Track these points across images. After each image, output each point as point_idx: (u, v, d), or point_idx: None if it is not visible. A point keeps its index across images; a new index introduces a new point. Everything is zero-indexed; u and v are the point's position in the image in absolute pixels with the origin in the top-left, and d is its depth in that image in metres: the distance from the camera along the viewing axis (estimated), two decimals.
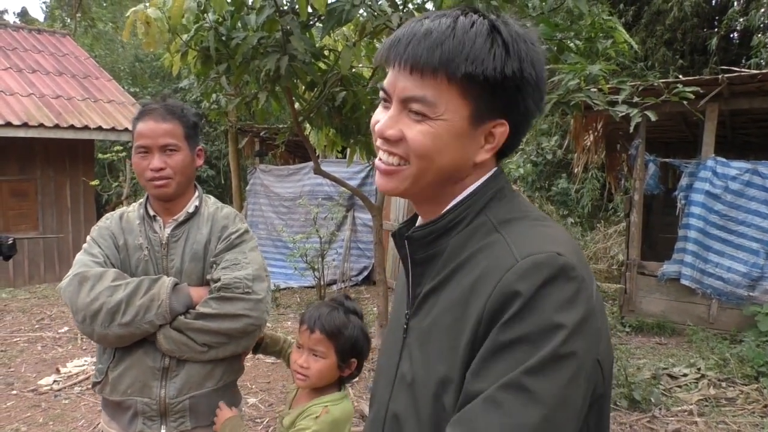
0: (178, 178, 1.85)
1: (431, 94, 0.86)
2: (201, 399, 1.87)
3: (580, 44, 3.81)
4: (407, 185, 0.93)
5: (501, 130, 0.91)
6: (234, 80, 3.63)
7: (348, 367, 1.80)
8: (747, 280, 6.19)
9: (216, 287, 1.82)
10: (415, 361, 0.94)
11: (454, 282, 0.91)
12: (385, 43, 0.92)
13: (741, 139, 8.90)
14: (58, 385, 4.99)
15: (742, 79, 5.89)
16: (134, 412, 1.84)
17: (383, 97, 0.94)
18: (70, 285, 1.78)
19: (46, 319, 7.21)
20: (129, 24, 3.11)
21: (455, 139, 0.89)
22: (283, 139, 4.93)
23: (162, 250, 1.89)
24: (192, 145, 1.91)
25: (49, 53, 10.82)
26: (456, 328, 0.87)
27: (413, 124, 0.89)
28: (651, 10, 10.85)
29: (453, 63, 0.84)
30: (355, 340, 1.77)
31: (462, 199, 0.95)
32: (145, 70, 17.77)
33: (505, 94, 0.88)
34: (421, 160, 0.90)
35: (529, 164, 12.99)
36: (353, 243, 9.42)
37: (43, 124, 8.75)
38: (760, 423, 4.20)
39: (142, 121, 1.84)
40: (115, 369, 1.85)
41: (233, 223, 1.98)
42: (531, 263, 0.81)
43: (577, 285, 0.81)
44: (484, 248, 0.89)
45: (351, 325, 1.77)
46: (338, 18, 3.03)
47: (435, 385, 0.88)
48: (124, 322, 1.73)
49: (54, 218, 9.87)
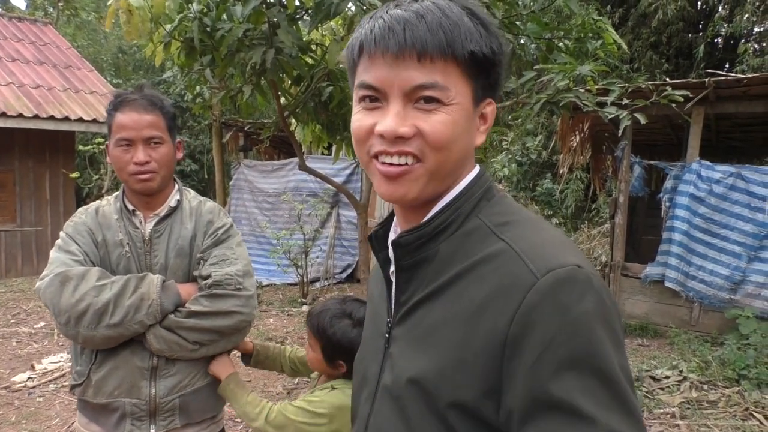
0: (163, 171, 1.79)
1: (442, 79, 0.81)
2: (190, 397, 1.83)
3: (569, 44, 3.79)
4: (421, 186, 0.85)
5: (491, 109, 0.91)
6: (218, 73, 3.55)
7: (336, 368, 1.79)
8: (729, 284, 6.23)
9: (207, 284, 1.77)
10: (402, 373, 0.88)
11: (455, 292, 0.84)
12: (364, 34, 0.84)
13: (725, 143, 8.98)
14: (33, 382, 4.88)
15: (728, 83, 5.93)
16: (122, 414, 1.77)
17: (368, 95, 0.85)
18: (51, 285, 1.68)
19: (22, 314, 7.07)
20: (111, 13, 3.03)
21: (467, 122, 0.86)
22: (268, 134, 4.86)
23: (144, 246, 1.82)
24: (173, 137, 1.85)
25: (30, 42, 10.61)
26: (465, 343, 0.80)
27: (427, 116, 0.82)
28: (637, 13, 10.90)
29: (457, 43, 0.81)
30: (337, 344, 1.75)
31: (450, 201, 0.89)
32: (128, 62, 17.56)
33: (494, 72, 0.88)
34: (440, 153, 0.83)
35: (514, 164, 13.02)
36: (337, 240, 9.36)
37: (22, 114, 8.58)
38: (742, 426, 4.21)
39: (122, 112, 1.75)
40: (99, 370, 1.77)
41: (218, 218, 1.93)
42: (554, 281, 0.76)
43: (600, 293, 0.77)
44: (490, 259, 0.83)
45: (332, 331, 1.75)
46: (326, 11, 2.97)
47: (433, 400, 0.82)
48: (112, 323, 1.66)
49: (32, 210, 9.69)
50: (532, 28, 3.52)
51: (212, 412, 1.93)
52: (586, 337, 0.73)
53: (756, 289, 6.13)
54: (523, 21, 3.51)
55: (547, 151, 11.81)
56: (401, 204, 0.90)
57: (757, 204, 6.11)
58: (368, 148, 0.86)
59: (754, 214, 6.14)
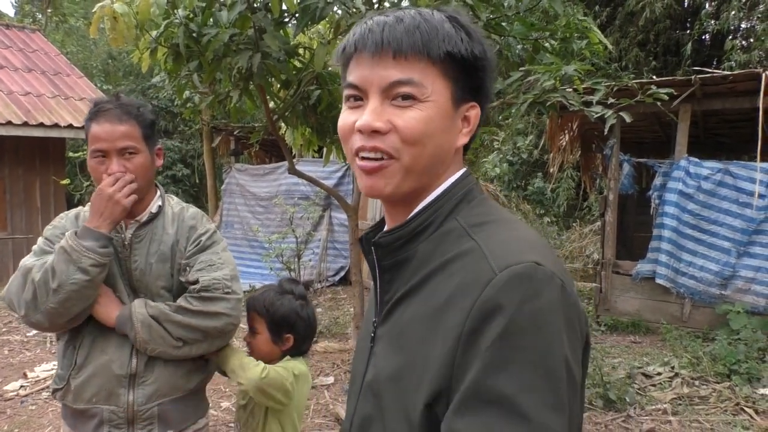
0: (140, 182, 1.77)
1: (418, 76, 0.86)
2: (169, 405, 1.83)
3: (555, 44, 3.81)
4: (397, 181, 0.89)
5: (474, 113, 0.93)
6: (206, 78, 3.55)
7: (283, 342, 1.99)
8: (719, 279, 6.27)
9: (195, 289, 1.78)
10: (381, 371, 0.91)
11: (427, 291, 0.87)
12: (349, 38, 0.89)
13: (713, 139, 9.03)
14: (25, 390, 4.85)
15: (714, 80, 5.97)
16: (99, 421, 1.78)
17: (352, 94, 0.90)
18: (14, 280, 1.76)
19: (13, 322, 7.03)
20: (96, 19, 3.02)
21: (443, 120, 0.89)
22: (258, 138, 4.85)
23: (125, 251, 1.82)
24: (151, 145, 1.82)
25: (18, 49, 10.56)
26: (429, 339, 0.83)
27: (402, 111, 0.86)
28: (624, 11, 10.96)
29: (433, 43, 0.85)
30: (284, 316, 1.96)
31: (429, 202, 0.92)
32: (118, 68, 17.50)
33: (477, 75, 0.91)
34: (414, 147, 0.87)
35: (505, 164, 13.08)
36: (330, 243, 9.36)
37: (11, 121, 8.54)
38: (733, 421, 4.24)
39: (96, 123, 1.74)
40: (78, 376, 1.78)
41: (201, 224, 1.94)
42: (509, 277, 0.77)
43: (557, 291, 0.78)
44: (459, 257, 0.85)
45: (279, 303, 1.97)
46: (312, 15, 2.98)
47: (403, 397, 0.84)
48: (54, 287, 1.65)
49: (23, 218, 9.64)
50: (518, 29, 3.54)
51: (192, 420, 1.94)
52: (536, 333, 0.75)
53: (746, 284, 6.18)
54: (509, 22, 3.53)
55: (538, 150, 11.87)
56: (381, 198, 0.93)
57: (745, 199, 6.16)
58: (351, 145, 0.91)
59: (743, 209, 6.19)
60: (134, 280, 1.83)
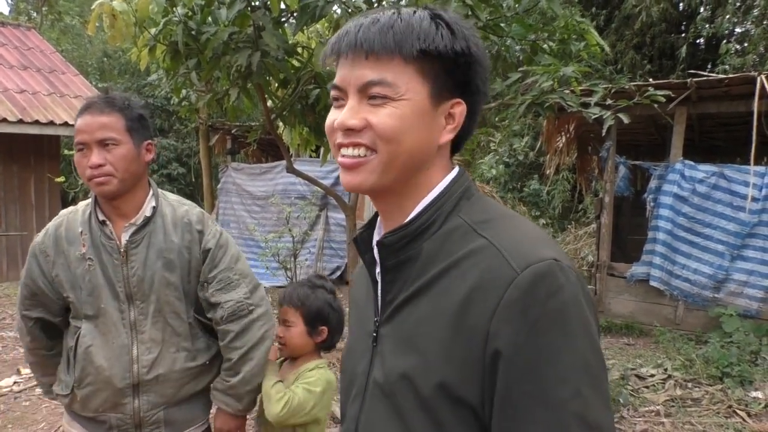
0: (121, 174, 1.70)
1: (390, 76, 0.87)
2: (174, 408, 1.86)
3: (553, 46, 3.82)
4: (376, 177, 0.90)
5: (459, 110, 0.93)
6: (204, 76, 3.54)
7: (318, 334, 2.03)
8: (712, 282, 6.30)
9: (222, 318, 1.86)
10: (392, 370, 0.91)
11: (438, 289, 0.88)
12: (331, 41, 0.91)
13: (708, 142, 9.07)
14: (19, 386, 4.84)
15: (710, 83, 6.00)
16: (109, 426, 1.83)
17: (336, 95, 0.93)
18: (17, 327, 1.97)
19: (7, 319, 7.00)
20: (94, 17, 3.01)
21: (419, 118, 0.89)
22: (255, 137, 4.85)
23: (121, 257, 1.76)
24: (137, 138, 1.75)
25: (14, 47, 10.51)
26: (449, 338, 0.84)
27: (376, 110, 0.88)
28: (621, 15, 11.01)
29: (407, 42, 0.86)
30: (319, 309, 2.02)
31: (431, 201, 0.93)
32: (113, 66, 17.43)
33: (459, 72, 0.90)
34: (389, 144, 0.88)
35: (501, 165, 13.09)
36: (326, 242, 9.35)
37: (6, 119, 8.49)
38: (725, 423, 4.26)
39: (80, 116, 1.71)
40: (81, 389, 1.80)
41: (208, 228, 1.89)
42: (533, 276, 0.80)
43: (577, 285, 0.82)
44: (471, 255, 0.86)
45: (314, 296, 2.03)
46: (311, 14, 2.98)
47: (420, 396, 0.85)
48: None
49: (17, 215, 9.60)
50: (517, 30, 3.55)
51: (199, 421, 1.96)
52: (562, 327, 0.78)
53: (739, 288, 6.20)
54: (508, 23, 3.54)
55: (534, 152, 11.89)
56: (361, 192, 0.95)
57: (739, 203, 6.19)
58: (333, 142, 0.93)
59: (737, 212, 6.22)
60: (131, 287, 1.77)
